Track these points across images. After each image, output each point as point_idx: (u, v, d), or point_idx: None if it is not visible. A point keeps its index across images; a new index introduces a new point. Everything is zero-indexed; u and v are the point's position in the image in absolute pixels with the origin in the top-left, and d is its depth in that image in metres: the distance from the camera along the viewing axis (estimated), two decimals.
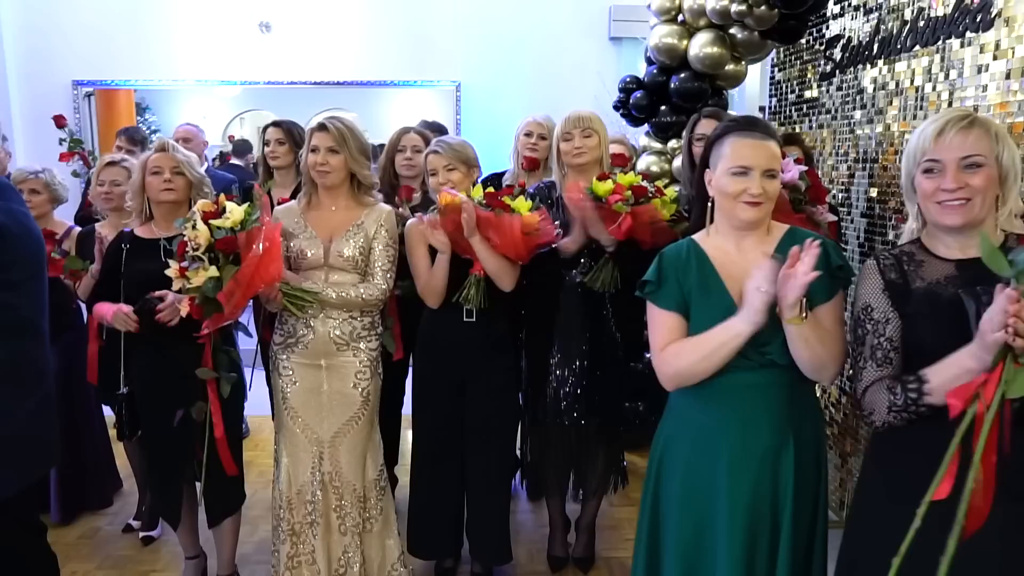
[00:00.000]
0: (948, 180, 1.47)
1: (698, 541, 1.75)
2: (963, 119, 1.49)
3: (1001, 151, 1.47)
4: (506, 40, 5.36)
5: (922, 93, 2.77)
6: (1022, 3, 2.31)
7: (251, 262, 2.18)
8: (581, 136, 2.61)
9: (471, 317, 2.59)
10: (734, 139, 1.71)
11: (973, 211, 1.47)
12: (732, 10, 3.37)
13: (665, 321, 1.75)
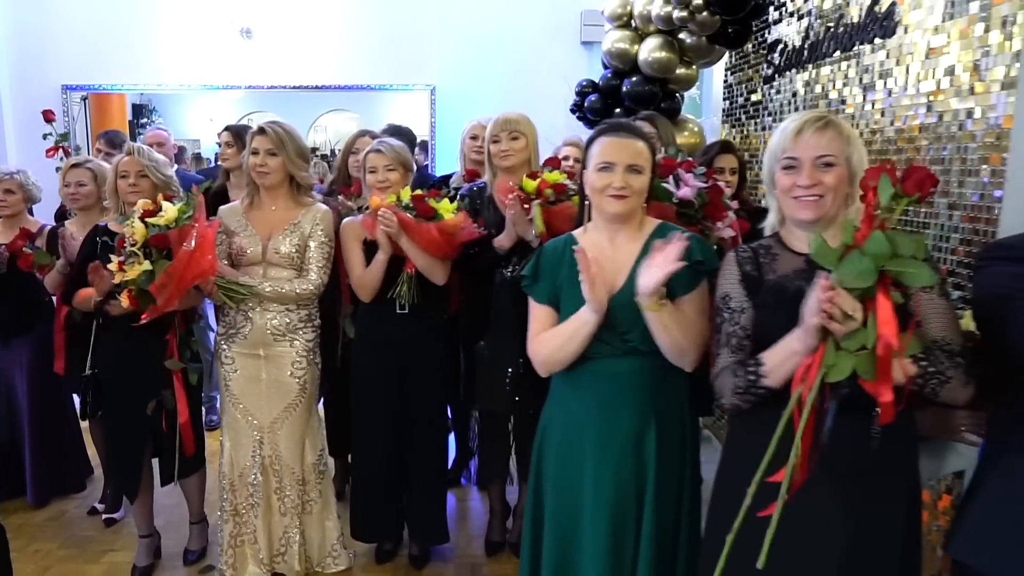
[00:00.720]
0: (803, 177, 1.57)
1: (572, 522, 1.87)
2: (819, 120, 1.59)
3: (851, 152, 1.57)
4: (480, 44, 5.50)
5: (841, 96, 2.88)
6: (919, 11, 2.41)
7: (182, 257, 2.34)
8: (508, 139, 2.74)
9: (404, 310, 2.73)
10: (603, 139, 1.84)
11: (825, 207, 1.57)
12: (675, 16, 3.49)
13: (538, 313, 1.88)
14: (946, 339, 1.47)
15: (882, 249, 1.35)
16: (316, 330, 2.82)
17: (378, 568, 2.97)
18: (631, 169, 1.81)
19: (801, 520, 1.47)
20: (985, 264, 1.44)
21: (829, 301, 1.36)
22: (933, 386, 1.43)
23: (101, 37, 5.42)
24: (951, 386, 1.43)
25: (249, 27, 5.41)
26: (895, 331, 1.33)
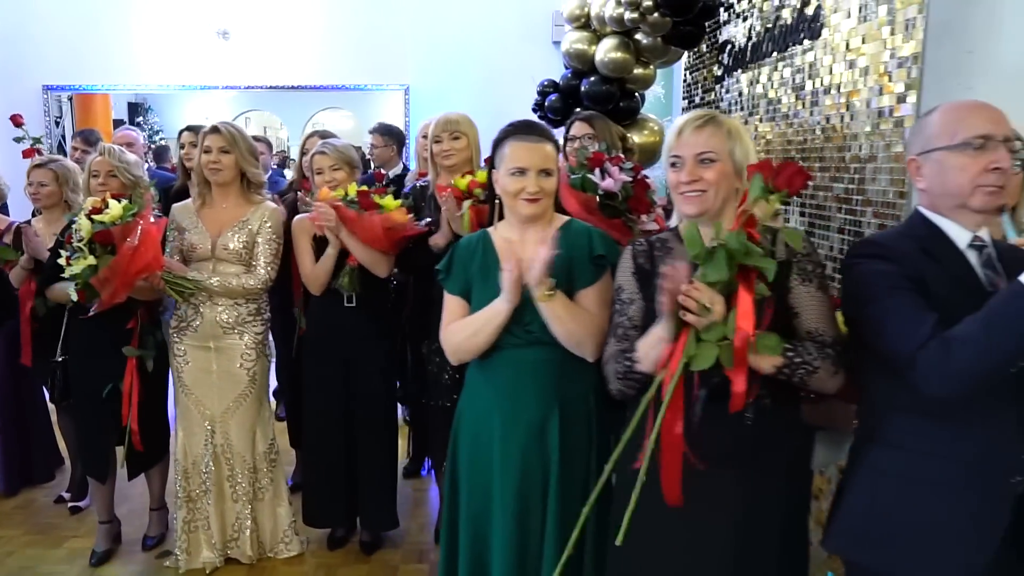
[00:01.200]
0: (684, 173, 1.65)
1: (483, 507, 1.96)
2: (699, 119, 1.67)
3: (734, 147, 1.63)
4: (453, 45, 5.59)
5: (778, 96, 2.96)
6: (839, 14, 2.50)
7: (125, 253, 2.45)
8: (449, 139, 2.82)
9: (351, 303, 2.83)
10: (512, 142, 1.92)
11: (707, 202, 1.63)
12: (626, 17, 3.57)
13: (451, 304, 1.97)
14: (819, 330, 1.55)
15: (737, 246, 1.43)
16: (266, 324, 2.91)
17: (329, 554, 3.06)
18: (543, 173, 1.88)
19: (693, 504, 1.55)
20: (855, 262, 1.51)
21: (686, 295, 1.45)
22: (801, 375, 1.52)
23: (81, 39, 5.52)
24: (819, 376, 1.52)
25: (227, 29, 5.51)
26: (752, 324, 1.42)
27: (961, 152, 1.39)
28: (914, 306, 1.37)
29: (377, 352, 2.91)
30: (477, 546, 1.99)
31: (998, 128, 1.39)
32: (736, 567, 1.59)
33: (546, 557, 1.89)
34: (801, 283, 1.57)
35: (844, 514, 1.52)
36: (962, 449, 1.40)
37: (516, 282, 1.78)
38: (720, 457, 1.56)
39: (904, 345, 1.35)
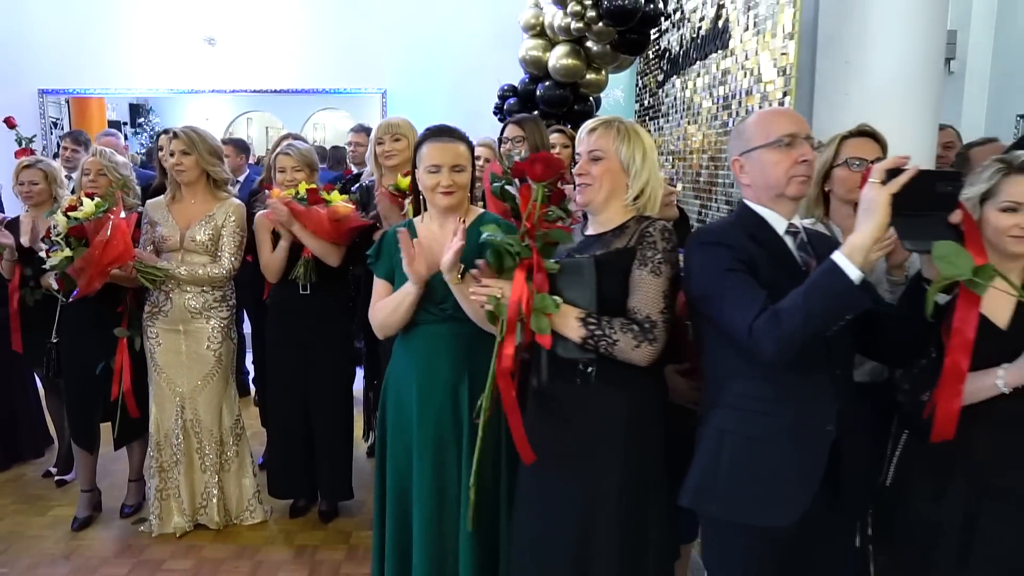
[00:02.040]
0: (578, 168, 1.92)
1: (406, 463, 2.23)
2: (594, 123, 1.93)
3: (621, 148, 1.87)
4: (428, 50, 5.87)
5: (700, 99, 3.23)
6: (739, 26, 2.76)
7: (97, 245, 2.73)
8: (391, 140, 3.09)
9: (306, 290, 3.10)
10: (429, 143, 2.18)
11: (593, 193, 1.88)
12: (572, 27, 3.84)
13: (377, 286, 2.24)
14: (635, 308, 1.78)
15: (499, 243, 1.74)
16: (231, 310, 3.19)
17: (291, 522, 3.34)
18: (455, 169, 2.14)
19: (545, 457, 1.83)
20: (694, 249, 1.74)
21: (476, 292, 1.78)
22: (603, 346, 1.76)
23: (75, 44, 5.83)
24: (619, 347, 1.75)
25: (213, 36, 5.79)
26: (516, 301, 1.70)
27: (775, 149, 1.65)
28: (747, 284, 1.60)
29: (332, 335, 3.19)
30: (403, 499, 2.25)
31: (801, 128, 1.66)
32: (583, 514, 1.83)
33: (462, 503, 2.16)
34: (637, 267, 1.81)
35: (694, 472, 1.74)
36: (787, 406, 1.64)
37: (411, 267, 2.03)
38: (563, 417, 1.84)
39: (741, 318, 1.58)
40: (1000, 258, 1.70)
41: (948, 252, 1.43)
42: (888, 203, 1.44)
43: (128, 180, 3.24)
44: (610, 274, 1.81)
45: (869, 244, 1.46)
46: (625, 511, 1.81)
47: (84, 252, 2.75)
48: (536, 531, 1.90)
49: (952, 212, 1.49)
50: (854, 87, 2.39)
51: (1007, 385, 1.61)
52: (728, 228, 1.73)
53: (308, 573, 2.96)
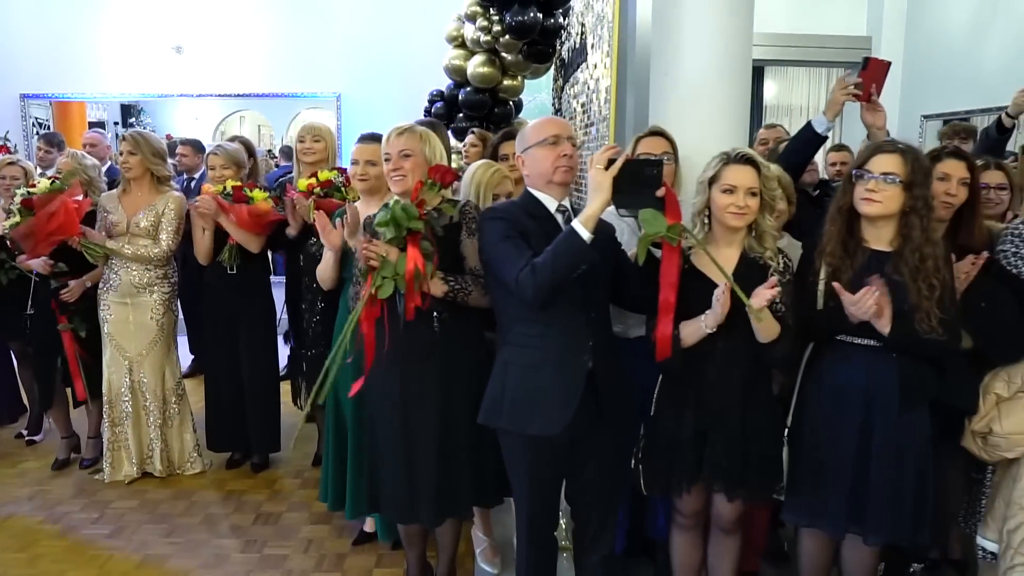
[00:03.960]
0: (390, 164, 2.37)
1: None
2: (400, 128, 2.40)
3: (423, 147, 2.39)
4: (382, 55, 6.36)
5: (573, 105, 3.73)
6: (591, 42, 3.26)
7: (41, 216, 3.31)
8: (311, 140, 3.59)
9: (233, 271, 3.61)
10: (356, 145, 2.74)
11: (406, 183, 2.36)
12: (482, 40, 4.34)
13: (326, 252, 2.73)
14: (475, 268, 2.30)
15: (400, 215, 2.20)
16: (172, 286, 3.71)
17: (226, 472, 3.85)
18: (368, 163, 2.67)
19: (406, 388, 2.34)
20: (482, 223, 2.22)
21: (368, 250, 2.21)
22: (462, 297, 2.28)
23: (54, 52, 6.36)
24: (473, 296, 2.28)
25: (180, 44, 6.31)
26: (414, 266, 2.18)
27: (544, 146, 2.14)
28: (518, 248, 2.09)
29: (255, 309, 3.71)
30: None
31: (564, 130, 2.16)
32: (441, 439, 2.34)
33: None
34: (467, 237, 2.33)
35: (487, 396, 2.23)
36: (553, 341, 2.14)
37: (325, 237, 2.52)
38: (419, 354, 2.34)
39: (510, 272, 2.07)
40: (724, 230, 2.20)
41: (649, 216, 1.94)
42: (609, 183, 1.95)
43: (94, 180, 3.75)
44: (445, 244, 2.32)
45: (597, 214, 1.96)
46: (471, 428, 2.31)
47: (30, 219, 3.29)
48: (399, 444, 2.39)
49: (658, 188, 1.99)
50: (670, 95, 2.88)
51: (708, 326, 2.10)
52: (510, 207, 2.24)
53: (233, 510, 3.46)
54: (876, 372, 2.16)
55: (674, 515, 2.38)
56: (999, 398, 2.30)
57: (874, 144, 2.21)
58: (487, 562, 2.92)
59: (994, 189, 2.76)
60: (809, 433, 2.24)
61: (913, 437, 2.17)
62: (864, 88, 2.61)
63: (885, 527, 2.19)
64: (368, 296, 2.23)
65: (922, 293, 2.08)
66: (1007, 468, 2.35)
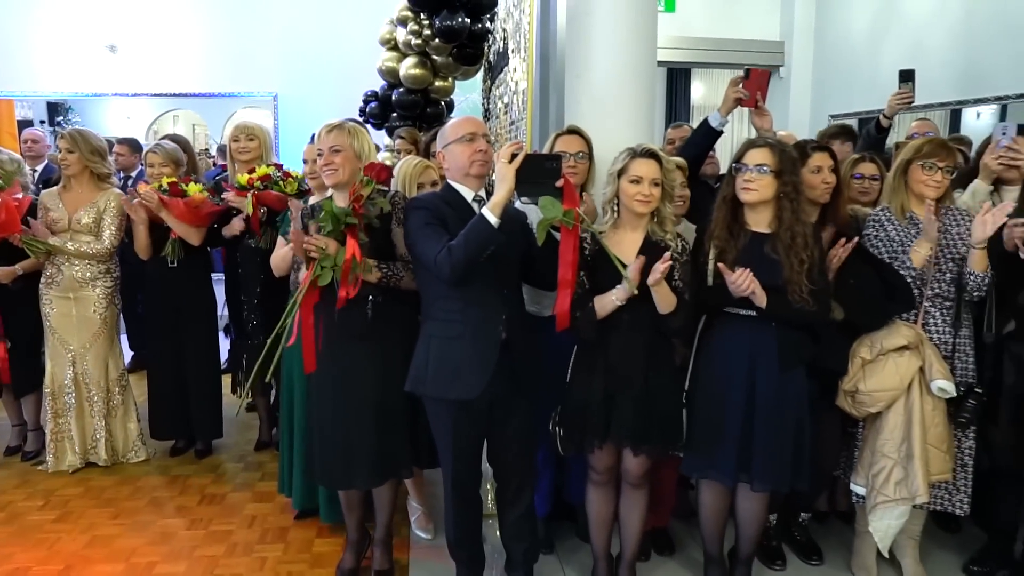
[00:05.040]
0: (322, 160, 2.56)
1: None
2: (331, 125, 2.59)
3: (353, 142, 2.59)
4: (317, 56, 6.51)
5: (498, 105, 3.98)
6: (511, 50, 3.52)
7: None
8: (246, 139, 3.75)
9: (174, 264, 3.75)
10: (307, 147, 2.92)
11: (338, 176, 2.55)
12: (412, 43, 4.55)
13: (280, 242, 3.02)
14: (404, 255, 2.53)
15: (338, 212, 2.42)
16: (115, 280, 3.82)
17: (170, 459, 3.98)
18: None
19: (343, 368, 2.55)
20: (406, 212, 2.46)
21: (309, 243, 2.42)
22: (395, 282, 2.51)
23: None
24: (405, 280, 2.51)
25: (114, 43, 6.35)
26: (351, 256, 2.40)
27: (462, 142, 2.39)
28: (436, 233, 2.33)
29: (197, 301, 3.85)
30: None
31: (479, 128, 2.41)
32: (376, 408, 2.56)
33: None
34: (397, 226, 2.56)
35: (413, 366, 2.46)
36: (470, 315, 2.38)
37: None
38: (355, 333, 2.56)
39: (429, 254, 2.30)
40: (631, 216, 2.48)
41: (547, 203, 2.20)
42: (512, 175, 2.20)
43: (10, 175, 3.77)
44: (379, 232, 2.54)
45: (503, 202, 2.21)
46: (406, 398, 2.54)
47: None
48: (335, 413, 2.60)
49: (557, 180, 2.25)
50: (583, 95, 3.15)
51: (618, 299, 2.37)
52: (431, 197, 2.48)
53: (178, 493, 3.61)
54: (758, 339, 2.47)
55: (589, 472, 2.65)
56: (864, 361, 2.63)
57: (746, 141, 2.52)
58: (421, 528, 3.15)
59: (868, 179, 3.11)
60: (702, 394, 2.54)
61: (791, 395, 2.49)
62: (750, 95, 2.92)
63: (768, 474, 2.50)
64: (308, 283, 2.44)
65: (794, 268, 2.39)
66: (873, 422, 2.70)
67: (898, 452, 2.61)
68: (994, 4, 5.37)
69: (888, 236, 2.71)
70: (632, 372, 2.47)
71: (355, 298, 2.48)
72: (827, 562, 2.99)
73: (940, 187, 2.65)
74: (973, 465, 2.74)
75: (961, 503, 2.74)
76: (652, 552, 3.01)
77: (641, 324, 2.43)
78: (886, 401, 2.62)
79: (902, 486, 2.60)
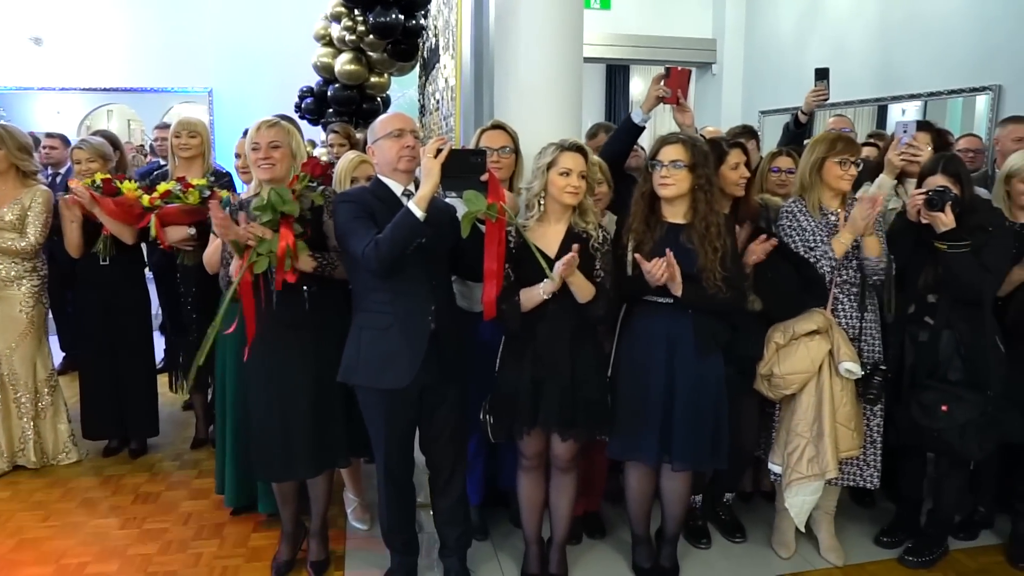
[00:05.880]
0: (259, 153, 2.57)
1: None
2: (269, 121, 2.63)
3: (290, 140, 2.63)
4: (253, 52, 6.45)
5: (432, 101, 4.03)
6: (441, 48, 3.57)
7: None
8: (188, 136, 3.72)
9: (106, 262, 3.70)
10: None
11: (275, 171, 2.58)
12: (347, 39, 4.57)
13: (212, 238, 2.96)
14: (336, 246, 2.57)
15: (275, 200, 2.45)
16: (42, 278, 3.75)
17: (103, 460, 3.93)
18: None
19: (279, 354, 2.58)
20: (335, 206, 2.50)
21: (248, 231, 2.44)
22: (328, 271, 2.55)
23: None
24: (339, 271, 2.56)
25: (40, 36, 6.18)
26: (285, 245, 2.43)
27: (390, 138, 2.44)
28: (364, 226, 2.37)
29: (131, 299, 3.81)
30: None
31: (407, 124, 2.46)
32: (312, 398, 2.61)
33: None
34: (328, 218, 2.59)
35: (345, 357, 2.50)
36: (399, 307, 2.43)
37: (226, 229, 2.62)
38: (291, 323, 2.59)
39: (359, 247, 2.34)
40: (557, 208, 2.55)
41: (472, 196, 2.27)
42: (438, 169, 2.26)
43: None
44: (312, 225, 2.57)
45: (428, 195, 2.26)
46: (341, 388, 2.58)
47: None
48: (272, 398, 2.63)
49: (482, 174, 2.32)
50: (511, 92, 3.23)
51: (545, 292, 2.45)
52: (361, 191, 2.52)
53: (112, 493, 3.57)
54: (675, 326, 2.58)
55: (519, 459, 2.73)
56: (778, 345, 2.77)
57: (659, 138, 2.62)
58: (358, 519, 3.19)
59: (784, 172, 3.26)
60: (624, 379, 2.64)
61: (709, 379, 2.61)
62: (672, 93, 3.03)
63: (688, 455, 2.62)
64: (244, 270, 2.46)
65: (708, 256, 2.51)
66: (788, 403, 2.84)
67: (810, 431, 2.75)
68: (908, 7, 5.63)
69: (801, 227, 2.85)
70: (558, 360, 2.54)
71: (291, 288, 2.51)
72: (750, 539, 3.13)
73: (852, 180, 2.81)
74: (882, 441, 2.91)
75: (871, 477, 2.91)
76: (584, 535, 3.11)
77: (566, 313, 2.51)
78: (799, 383, 2.76)
79: (814, 463, 2.74)
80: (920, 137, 2.98)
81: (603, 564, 2.96)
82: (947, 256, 2.67)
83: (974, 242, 2.66)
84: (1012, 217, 2.89)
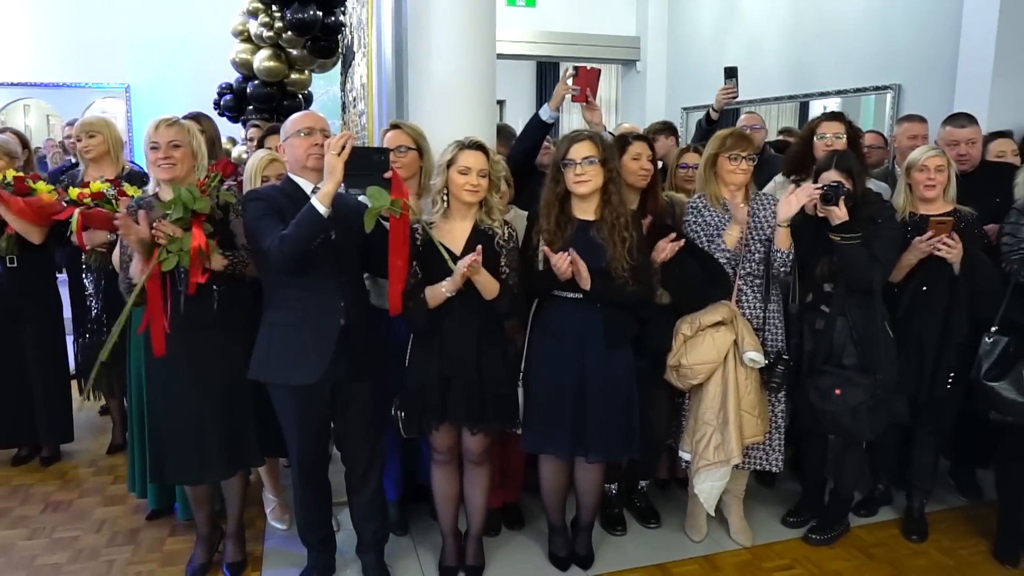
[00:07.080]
0: (160, 152, 2.53)
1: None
2: (169, 120, 2.57)
3: (191, 140, 2.59)
4: (171, 47, 6.29)
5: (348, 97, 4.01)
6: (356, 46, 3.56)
7: None
8: (87, 137, 3.61)
9: (12, 263, 3.58)
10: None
11: (177, 171, 2.53)
12: (264, 35, 4.51)
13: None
14: (246, 245, 2.55)
15: (187, 198, 2.42)
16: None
17: (12, 469, 3.80)
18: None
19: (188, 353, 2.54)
20: (244, 204, 2.50)
21: (158, 229, 2.40)
22: (239, 268, 2.53)
23: None
24: (250, 268, 2.54)
25: None
26: (198, 244, 2.40)
27: (299, 137, 2.44)
28: (272, 223, 2.36)
29: (40, 301, 3.69)
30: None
31: (317, 123, 2.47)
32: (224, 397, 2.59)
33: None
34: (236, 218, 2.57)
35: (255, 354, 2.49)
36: (308, 303, 2.43)
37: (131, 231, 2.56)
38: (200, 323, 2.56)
39: (266, 244, 2.34)
40: (460, 206, 2.58)
41: (375, 192, 2.28)
42: (341, 166, 2.26)
43: None
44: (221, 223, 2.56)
45: (331, 192, 2.27)
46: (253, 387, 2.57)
47: None
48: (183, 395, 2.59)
49: (385, 171, 2.33)
50: (425, 89, 3.23)
51: (447, 290, 2.48)
52: (270, 190, 2.52)
53: (20, 503, 3.45)
54: (585, 320, 2.64)
55: (432, 453, 2.76)
56: (685, 337, 2.86)
57: (565, 138, 2.67)
58: (277, 519, 3.18)
59: (692, 168, 3.36)
60: (536, 374, 2.69)
61: (619, 371, 2.68)
62: (580, 91, 3.09)
63: (601, 446, 2.69)
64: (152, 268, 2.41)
65: (616, 247, 2.57)
66: (696, 393, 2.94)
67: (716, 419, 2.86)
68: (818, 8, 5.85)
69: (705, 221, 2.94)
70: (465, 355, 2.58)
71: (200, 288, 2.49)
72: (664, 525, 3.23)
73: (746, 173, 2.91)
74: (787, 426, 3.03)
75: (776, 461, 3.03)
76: (503, 526, 3.16)
77: (472, 309, 2.55)
78: (705, 373, 2.85)
79: (720, 450, 2.85)
80: (834, 127, 3.17)
81: (521, 554, 3.01)
82: (841, 247, 2.81)
83: (865, 234, 2.80)
84: (914, 207, 3.04)
